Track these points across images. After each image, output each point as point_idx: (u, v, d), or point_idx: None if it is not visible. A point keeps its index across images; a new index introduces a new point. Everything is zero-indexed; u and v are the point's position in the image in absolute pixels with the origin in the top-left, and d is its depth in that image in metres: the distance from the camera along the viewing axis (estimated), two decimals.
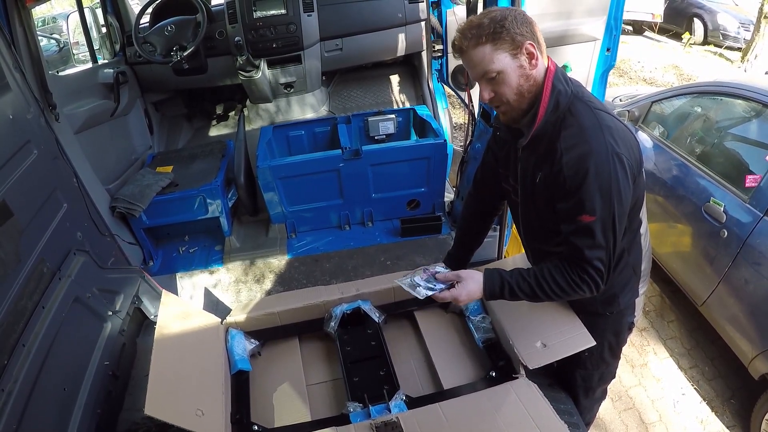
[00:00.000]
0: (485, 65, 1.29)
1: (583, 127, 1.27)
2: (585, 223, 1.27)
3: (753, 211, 2.45)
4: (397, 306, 1.98)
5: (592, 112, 1.29)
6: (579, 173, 1.24)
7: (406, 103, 3.67)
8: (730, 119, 3.00)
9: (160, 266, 2.69)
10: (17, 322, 1.53)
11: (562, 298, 1.41)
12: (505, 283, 1.42)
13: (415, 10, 3.35)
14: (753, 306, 2.41)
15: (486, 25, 1.26)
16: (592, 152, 1.23)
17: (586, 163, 1.23)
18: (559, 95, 1.31)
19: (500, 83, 1.30)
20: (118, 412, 1.81)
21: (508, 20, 1.25)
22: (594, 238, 1.28)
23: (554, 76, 1.32)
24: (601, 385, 1.80)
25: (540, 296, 1.40)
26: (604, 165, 1.23)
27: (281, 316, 1.91)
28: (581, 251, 1.30)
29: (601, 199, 1.24)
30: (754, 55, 7.26)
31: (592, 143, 1.24)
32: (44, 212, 1.81)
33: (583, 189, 1.25)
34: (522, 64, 1.28)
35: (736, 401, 2.69)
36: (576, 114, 1.29)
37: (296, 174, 2.57)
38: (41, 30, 8.18)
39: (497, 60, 1.27)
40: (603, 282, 1.34)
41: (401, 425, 1.43)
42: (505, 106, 1.35)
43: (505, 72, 1.28)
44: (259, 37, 3.01)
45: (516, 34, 1.25)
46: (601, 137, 1.24)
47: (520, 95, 1.32)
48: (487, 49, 1.27)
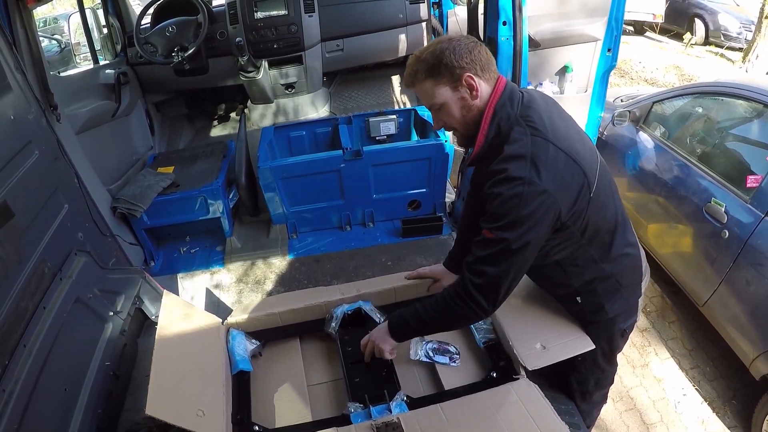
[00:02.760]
0: (429, 99, 1.37)
1: (510, 155, 1.28)
2: (487, 237, 1.31)
3: (754, 211, 2.45)
4: (398, 306, 1.97)
5: (526, 138, 1.28)
6: (493, 194, 1.28)
7: (407, 103, 3.67)
8: (732, 119, 3.00)
9: (161, 267, 2.69)
10: (18, 323, 1.53)
11: (448, 321, 1.49)
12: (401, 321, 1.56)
13: (416, 11, 3.35)
14: (754, 307, 2.40)
15: (426, 60, 1.31)
16: (508, 179, 1.25)
17: (501, 187, 1.26)
18: (501, 120, 1.33)
19: (445, 114, 1.38)
20: (119, 412, 1.81)
21: (446, 54, 1.29)
22: (489, 253, 1.31)
23: (497, 102, 1.34)
24: (598, 390, 1.79)
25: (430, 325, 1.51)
26: (518, 194, 1.23)
27: (282, 316, 1.90)
28: (474, 260, 1.35)
29: (504, 223, 1.26)
30: (756, 55, 7.25)
31: (512, 171, 1.25)
32: (45, 213, 1.81)
33: (492, 209, 1.28)
34: (463, 95, 1.33)
35: (738, 402, 2.69)
36: (512, 139, 1.30)
37: (297, 174, 2.57)
38: (42, 31, 8.19)
39: (438, 94, 1.34)
40: (486, 301, 1.36)
41: (402, 426, 1.43)
42: (457, 133, 1.43)
43: (447, 104, 1.35)
44: (260, 37, 3.01)
45: (455, 68, 1.29)
46: (523, 167, 1.24)
47: (464, 124, 1.39)
48: (428, 85, 1.34)
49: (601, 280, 1.51)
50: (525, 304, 1.75)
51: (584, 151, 1.34)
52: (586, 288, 1.52)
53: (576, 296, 1.56)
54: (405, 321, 1.54)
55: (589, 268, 1.48)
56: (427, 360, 1.77)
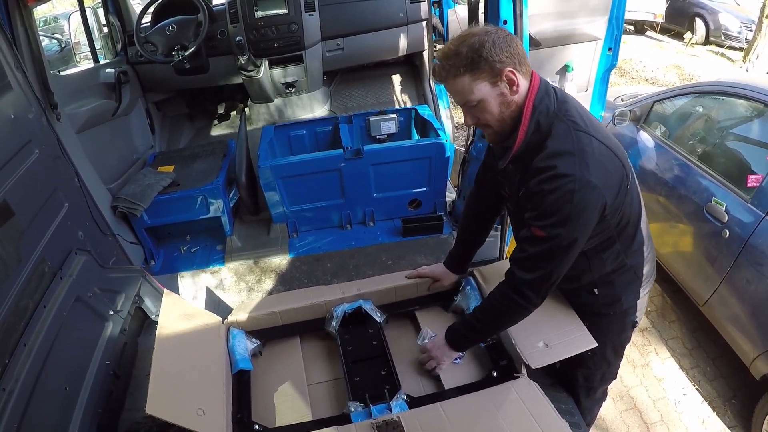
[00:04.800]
0: (465, 95, 1.29)
1: (558, 150, 1.27)
2: (536, 235, 1.30)
3: (755, 211, 2.45)
4: (399, 306, 1.98)
5: (571, 134, 1.28)
6: (543, 191, 1.26)
7: (408, 102, 3.67)
8: (732, 119, 3.00)
9: (161, 266, 2.69)
10: (18, 322, 1.53)
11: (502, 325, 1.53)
12: (458, 335, 1.59)
13: (416, 10, 3.34)
14: (754, 306, 2.40)
15: (464, 54, 1.23)
16: (558, 176, 1.24)
17: (551, 184, 1.25)
18: (540, 115, 1.30)
19: (481, 111, 1.31)
20: (119, 411, 1.81)
21: (486, 48, 1.22)
22: (540, 250, 1.31)
23: (536, 96, 1.30)
24: (602, 385, 1.80)
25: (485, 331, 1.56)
26: (567, 190, 1.23)
27: (282, 315, 1.90)
28: (526, 257, 1.36)
29: (555, 220, 1.26)
30: (756, 54, 7.25)
31: (560, 167, 1.24)
32: (45, 212, 1.81)
33: (542, 206, 1.27)
34: (502, 91, 1.28)
35: (738, 401, 2.69)
36: (554, 135, 1.29)
37: (298, 173, 2.56)
38: (43, 30, 8.19)
39: (477, 90, 1.27)
40: (537, 295, 1.38)
41: (402, 425, 1.43)
42: (489, 129, 1.36)
43: (486, 101, 1.28)
44: (261, 36, 3.00)
45: (495, 62, 1.23)
46: (572, 163, 1.24)
47: (501, 121, 1.32)
48: (466, 80, 1.26)
49: (620, 272, 1.52)
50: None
51: (617, 144, 1.36)
52: (605, 279, 1.53)
53: (594, 287, 1.56)
54: (460, 333, 1.58)
55: (613, 259, 1.49)
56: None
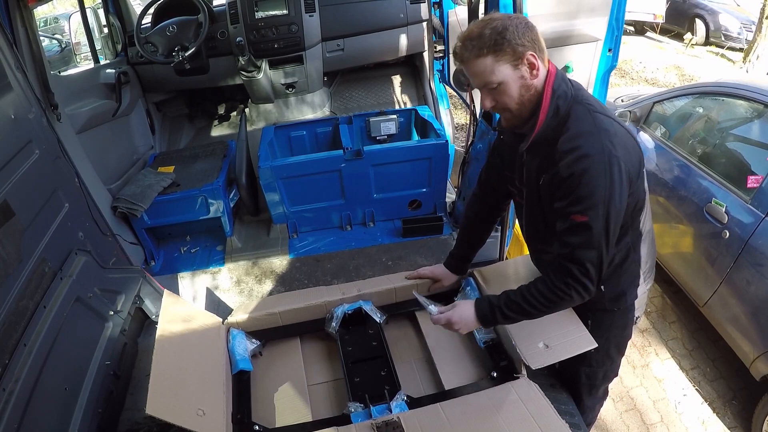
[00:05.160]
0: (486, 77, 1.30)
1: (580, 131, 1.29)
2: (577, 222, 1.29)
3: (755, 211, 2.45)
4: (399, 306, 1.98)
5: (590, 116, 1.30)
6: (575, 174, 1.26)
7: (408, 103, 3.67)
8: (732, 120, 3.00)
9: (161, 266, 2.69)
10: (19, 322, 1.53)
11: (553, 309, 1.43)
12: (494, 308, 1.45)
13: (416, 11, 3.35)
14: (755, 307, 2.40)
15: (487, 36, 1.26)
16: (587, 155, 1.25)
17: (581, 165, 1.25)
18: (559, 100, 1.33)
19: (501, 93, 1.32)
20: (119, 411, 1.81)
21: (510, 31, 1.25)
22: (585, 237, 1.29)
23: (554, 81, 1.33)
24: (604, 383, 1.80)
25: (531, 312, 1.42)
26: (599, 168, 1.24)
27: (282, 316, 1.91)
28: (572, 249, 1.32)
29: (594, 201, 1.26)
30: (756, 55, 7.25)
31: (588, 146, 1.26)
32: (46, 212, 1.81)
33: (578, 190, 1.26)
34: (523, 74, 1.30)
35: (738, 402, 2.69)
36: (575, 118, 1.31)
37: (298, 174, 2.57)
38: (43, 30, 8.21)
39: (498, 72, 1.29)
40: (592, 284, 1.34)
41: (402, 425, 1.43)
42: (508, 113, 1.37)
43: (506, 83, 1.30)
44: (261, 37, 3.01)
45: (517, 45, 1.26)
46: (597, 141, 1.26)
47: (521, 104, 1.34)
48: (488, 61, 1.28)
49: (627, 264, 1.52)
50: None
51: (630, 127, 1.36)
52: (611, 273, 1.53)
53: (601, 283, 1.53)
54: (499, 310, 1.45)
55: (622, 251, 1.49)
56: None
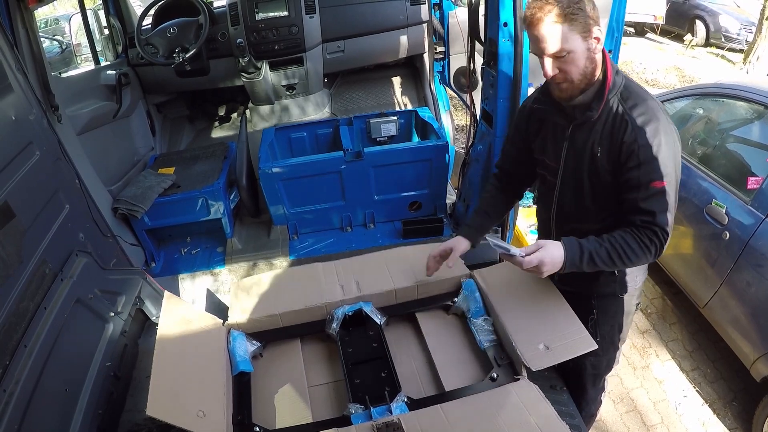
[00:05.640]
0: (557, 44, 1.32)
1: (649, 105, 1.38)
2: (658, 188, 1.35)
3: (755, 213, 2.45)
4: (399, 308, 1.98)
5: (646, 91, 1.42)
6: (653, 142, 1.34)
7: (408, 105, 3.67)
8: (732, 121, 3.00)
9: (162, 267, 2.69)
10: (19, 323, 1.53)
11: (634, 263, 1.44)
12: (584, 251, 1.42)
13: (416, 12, 3.35)
14: (755, 308, 2.40)
15: (565, 3, 1.28)
16: (661, 124, 1.35)
17: (659, 133, 1.34)
18: (617, 74, 1.41)
19: (568, 63, 1.34)
20: (119, 413, 1.81)
21: (585, 2, 1.30)
22: (665, 201, 1.36)
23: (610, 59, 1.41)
24: (607, 372, 1.85)
25: (616, 262, 1.42)
26: (670, 135, 1.36)
27: (283, 317, 1.91)
28: (654, 215, 1.37)
29: (671, 166, 1.36)
30: (756, 56, 7.26)
31: (659, 116, 1.36)
32: (46, 213, 1.82)
33: (658, 157, 1.34)
34: (590, 46, 1.34)
35: (738, 404, 2.68)
36: (636, 92, 1.40)
37: (298, 176, 2.57)
38: (44, 31, 8.21)
39: (570, 40, 1.31)
40: (665, 243, 1.40)
41: (403, 426, 1.43)
42: (567, 84, 1.39)
43: (576, 52, 1.33)
44: (261, 38, 3.01)
45: (588, 18, 1.30)
46: (662, 113, 1.38)
47: (584, 75, 1.38)
48: (564, 29, 1.30)
49: None
50: (526, 304, 1.75)
51: None
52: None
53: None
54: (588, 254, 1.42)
55: None
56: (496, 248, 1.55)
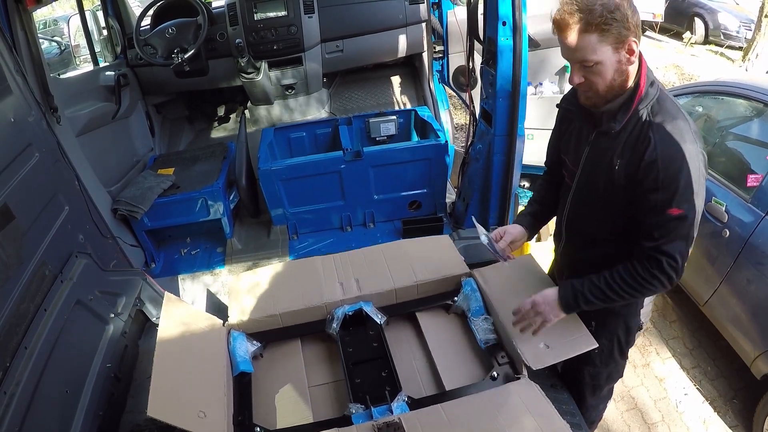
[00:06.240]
0: (585, 53, 1.26)
1: (677, 123, 1.29)
2: (674, 215, 1.29)
3: (755, 210, 2.45)
4: (399, 307, 1.98)
5: (679, 110, 1.32)
6: (674, 166, 1.26)
7: (407, 104, 3.67)
8: (732, 119, 3.00)
9: (162, 268, 2.69)
10: (19, 325, 1.53)
11: (634, 298, 1.43)
12: (577, 294, 1.45)
13: (415, 11, 3.35)
14: (755, 306, 2.40)
15: (598, 12, 1.21)
16: (687, 148, 1.26)
17: (683, 157, 1.26)
18: (651, 86, 1.33)
19: (595, 73, 1.29)
20: (120, 414, 1.81)
21: (620, 11, 1.21)
22: (680, 231, 1.30)
23: (646, 68, 1.33)
24: (608, 384, 1.80)
25: (613, 299, 1.42)
26: (695, 162, 1.27)
27: (283, 317, 1.90)
28: (663, 244, 1.32)
29: (691, 194, 1.28)
30: (755, 54, 7.24)
31: (686, 137, 1.27)
32: (46, 215, 1.81)
33: (678, 182, 1.27)
34: (621, 59, 1.27)
35: (739, 401, 2.68)
36: (668, 108, 1.32)
37: (298, 176, 2.57)
38: (42, 33, 8.20)
39: (599, 51, 1.25)
40: (678, 275, 1.35)
41: (403, 426, 1.43)
42: (591, 92, 1.35)
43: (604, 64, 1.27)
44: (260, 38, 3.01)
45: (623, 29, 1.23)
46: (691, 135, 1.28)
47: (610, 87, 1.32)
48: (593, 39, 1.24)
49: None
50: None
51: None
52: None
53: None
54: (582, 296, 1.44)
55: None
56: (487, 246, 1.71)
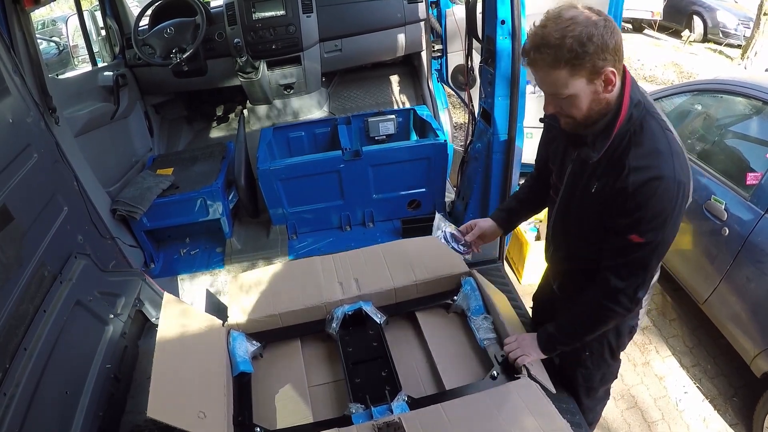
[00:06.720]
0: (557, 88, 1.21)
1: (655, 150, 1.21)
2: (633, 242, 1.26)
3: (754, 208, 2.45)
4: (399, 307, 1.98)
5: (663, 133, 1.23)
6: (642, 195, 1.20)
7: (406, 103, 3.67)
8: (731, 117, 3.00)
9: (161, 269, 2.69)
10: (19, 326, 1.53)
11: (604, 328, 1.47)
12: (553, 340, 1.54)
13: (414, 10, 3.35)
14: (755, 304, 2.40)
15: (567, 46, 1.12)
16: (660, 177, 1.19)
17: (653, 187, 1.19)
18: (635, 108, 1.25)
19: (569, 105, 1.23)
20: (120, 414, 1.81)
21: (593, 41, 1.12)
22: (637, 257, 1.29)
23: (631, 88, 1.25)
24: (603, 385, 1.79)
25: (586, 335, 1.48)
26: (668, 193, 1.19)
27: (283, 317, 1.90)
28: (621, 267, 1.32)
29: (655, 224, 1.23)
30: (754, 52, 7.25)
31: (662, 169, 1.19)
32: (45, 216, 1.81)
33: (642, 211, 1.22)
34: (597, 89, 1.20)
35: (739, 399, 2.69)
36: (648, 132, 1.23)
37: (297, 175, 2.57)
38: (40, 33, 8.18)
39: (571, 86, 1.18)
40: (633, 303, 1.36)
41: (403, 426, 1.43)
42: (569, 119, 1.29)
43: (578, 96, 1.20)
44: (259, 38, 3.01)
45: (598, 60, 1.14)
46: (670, 164, 1.19)
47: (587, 117, 1.26)
48: (563, 74, 1.16)
49: None
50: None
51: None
52: None
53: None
54: (555, 339, 1.53)
55: None
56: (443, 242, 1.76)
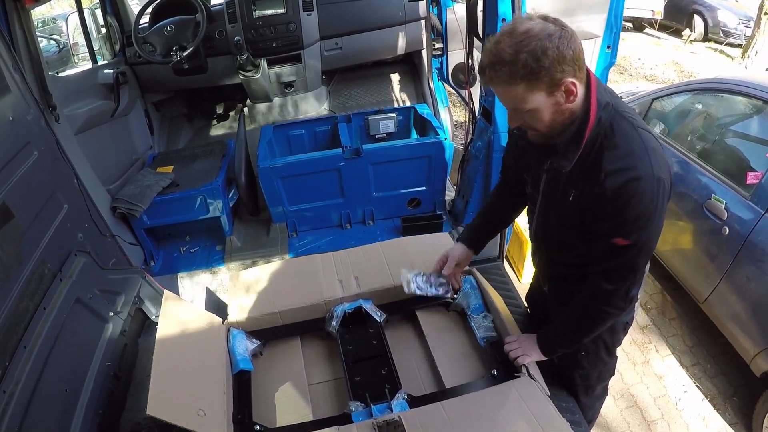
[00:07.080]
0: (516, 103, 1.19)
1: (630, 151, 1.19)
2: (618, 245, 1.25)
3: (754, 208, 2.45)
4: (399, 305, 1.98)
5: (636, 132, 1.21)
6: (622, 197, 1.19)
7: (407, 101, 3.67)
8: (731, 116, 3.00)
9: (161, 266, 2.69)
10: (18, 324, 1.53)
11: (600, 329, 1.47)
12: (552, 343, 1.55)
13: (414, 9, 3.35)
14: (755, 303, 2.40)
15: (522, 62, 1.10)
16: (638, 178, 1.17)
17: (631, 188, 1.18)
18: (603, 110, 1.22)
19: (531, 118, 1.22)
20: (120, 412, 1.81)
21: (549, 54, 1.09)
22: (624, 259, 1.28)
23: (597, 93, 1.22)
24: (600, 383, 1.80)
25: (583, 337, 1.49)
26: (648, 192, 1.18)
27: (282, 315, 1.90)
28: (609, 271, 1.31)
29: (638, 225, 1.22)
30: (755, 51, 7.24)
31: (639, 169, 1.17)
32: (45, 213, 1.81)
33: (623, 213, 1.20)
34: (558, 101, 1.18)
35: (738, 398, 2.69)
36: (620, 133, 1.21)
37: (297, 173, 2.57)
38: (41, 31, 8.18)
39: (531, 100, 1.16)
40: (626, 303, 1.35)
41: (403, 424, 1.43)
42: (535, 132, 1.28)
43: (539, 110, 1.19)
44: (259, 36, 3.01)
45: (556, 72, 1.12)
46: (647, 162, 1.18)
47: (551, 127, 1.24)
48: (520, 90, 1.15)
49: None
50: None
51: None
52: None
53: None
54: (554, 342, 1.55)
55: None
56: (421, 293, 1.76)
